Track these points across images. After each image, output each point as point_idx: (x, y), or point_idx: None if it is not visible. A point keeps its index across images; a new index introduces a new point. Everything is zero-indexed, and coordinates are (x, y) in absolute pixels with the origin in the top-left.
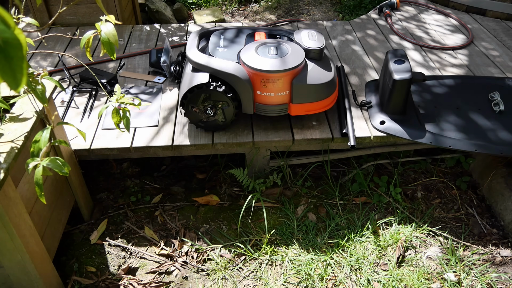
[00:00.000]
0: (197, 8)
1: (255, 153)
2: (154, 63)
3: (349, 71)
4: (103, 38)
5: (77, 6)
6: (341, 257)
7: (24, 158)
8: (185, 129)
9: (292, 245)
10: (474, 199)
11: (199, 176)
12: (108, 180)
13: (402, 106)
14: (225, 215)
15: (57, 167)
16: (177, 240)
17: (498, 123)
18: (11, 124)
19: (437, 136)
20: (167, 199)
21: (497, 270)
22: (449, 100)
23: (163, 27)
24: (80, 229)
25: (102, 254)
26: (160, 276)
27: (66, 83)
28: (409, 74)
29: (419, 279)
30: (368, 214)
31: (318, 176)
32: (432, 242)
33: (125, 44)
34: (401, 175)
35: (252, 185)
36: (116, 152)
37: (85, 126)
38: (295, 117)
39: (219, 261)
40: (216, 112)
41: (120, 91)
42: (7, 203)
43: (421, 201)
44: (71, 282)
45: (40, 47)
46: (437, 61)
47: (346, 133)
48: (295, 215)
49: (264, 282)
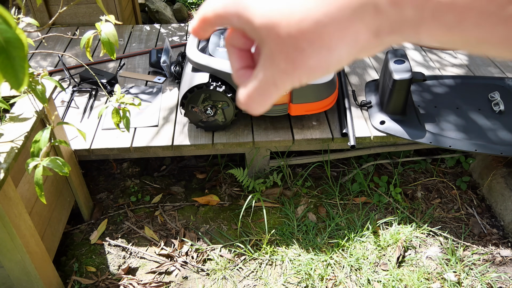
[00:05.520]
0: (197, 8)
1: (255, 153)
2: (154, 63)
3: (349, 71)
4: (103, 38)
5: (77, 6)
6: (341, 257)
7: (24, 158)
8: (185, 129)
9: (292, 245)
10: (474, 199)
11: (199, 176)
12: (108, 180)
13: (402, 106)
14: (225, 215)
15: (57, 167)
16: (177, 240)
17: (498, 123)
18: (11, 124)
19: (437, 136)
20: (167, 199)
21: (497, 270)
22: (449, 100)
23: (163, 27)
24: (80, 229)
25: (102, 254)
26: (160, 276)
27: (66, 83)
28: (409, 74)
29: (419, 279)
30: (368, 214)
31: (318, 176)
32: (432, 242)
33: (125, 44)
34: (401, 175)
35: (252, 185)
36: (116, 152)
37: (85, 126)
38: (295, 117)
39: (219, 261)
40: (216, 112)
41: (120, 91)
42: (7, 203)
43: (421, 201)
44: (71, 282)
45: (40, 47)
46: (437, 61)
47: (346, 133)
48: (295, 215)
49: (264, 282)
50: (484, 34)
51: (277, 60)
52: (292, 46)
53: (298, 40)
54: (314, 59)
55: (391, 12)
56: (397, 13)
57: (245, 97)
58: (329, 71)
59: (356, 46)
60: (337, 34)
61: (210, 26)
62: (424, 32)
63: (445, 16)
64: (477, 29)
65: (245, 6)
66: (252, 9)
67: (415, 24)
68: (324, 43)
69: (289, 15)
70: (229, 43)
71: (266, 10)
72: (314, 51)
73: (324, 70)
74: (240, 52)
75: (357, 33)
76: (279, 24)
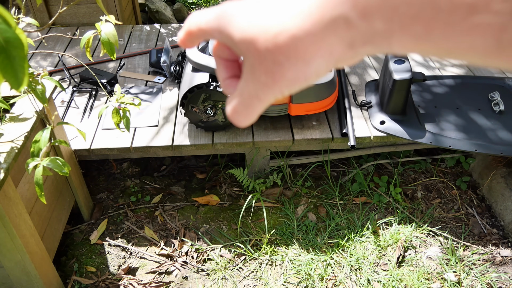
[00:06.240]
0: (197, 8)
1: (255, 153)
2: (154, 63)
3: (349, 71)
4: (103, 38)
5: (77, 6)
6: (341, 257)
7: (24, 158)
8: (185, 129)
9: (292, 245)
10: (474, 199)
11: (199, 176)
12: (108, 180)
13: (402, 106)
14: (225, 215)
15: (57, 167)
16: (177, 240)
17: (498, 123)
18: (11, 124)
19: (437, 136)
20: (167, 199)
21: (497, 270)
22: (449, 100)
23: (163, 27)
24: (80, 229)
25: (102, 254)
26: (160, 276)
27: (66, 83)
28: (409, 74)
29: (419, 279)
30: (368, 214)
31: (318, 176)
32: (432, 242)
33: (125, 44)
34: (401, 175)
35: (252, 185)
36: (116, 152)
37: (85, 126)
38: (295, 117)
39: (219, 261)
40: (216, 112)
41: (120, 91)
42: (7, 203)
43: (421, 201)
44: (71, 282)
45: (40, 47)
46: (437, 61)
47: (346, 133)
48: (295, 215)
49: (264, 282)
50: (452, 44)
51: (258, 73)
52: (270, 60)
53: (275, 54)
54: (292, 71)
55: (361, 25)
56: (367, 26)
57: (231, 110)
58: (308, 82)
59: (332, 58)
60: (312, 47)
61: (195, 38)
62: (395, 43)
63: (412, 28)
64: (445, 39)
65: (226, 22)
66: (232, 25)
67: (386, 35)
68: (300, 56)
69: (266, 30)
70: (216, 54)
71: (245, 25)
72: (291, 64)
73: (303, 81)
74: (226, 63)
75: (332, 46)
76: (257, 38)
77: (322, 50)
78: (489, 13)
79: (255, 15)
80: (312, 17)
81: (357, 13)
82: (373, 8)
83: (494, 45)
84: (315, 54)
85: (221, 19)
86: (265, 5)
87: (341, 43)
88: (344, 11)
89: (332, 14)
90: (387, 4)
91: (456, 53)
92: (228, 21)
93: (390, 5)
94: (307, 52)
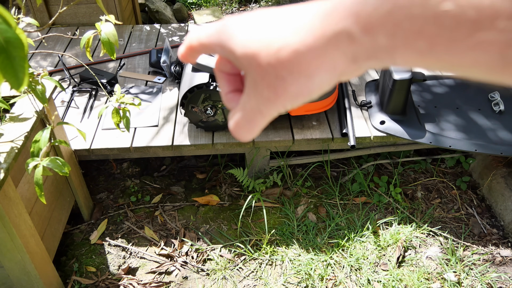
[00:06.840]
0: (197, 8)
1: (255, 153)
2: (154, 63)
3: None
4: (103, 38)
5: (77, 6)
6: (341, 257)
7: (24, 158)
8: (185, 129)
9: (292, 245)
10: (474, 199)
11: (199, 176)
12: (108, 180)
13: (402, 106)
14: (225, 215)
15: (57, 167)
16: (177, 240)
17: (498, 123)
18: (11, 124)
19: (437, 136)
20: (167, 199)
21: (497, 270)
22: (449, 100)
23: (163, 27)
24: (80, 229)
25: (102, 254)
26: (160, 276)
27: (66, 83)
28: (409, 74)
29: (419, 279)
30: (368, 214)
31: (318, 176)
32: (432, 242)
33: (125, 44)
34: (401, 175)
35: (252, 185)
36: (116, 152)
37: (85, 126)
38: (295, 117)
39: (219, 261)
40: (216, 112)
41: (120, 91)
42: (7, 203)
43: (421, 201)
44: (71, 282)
45: (40, 47)
46: None
47: (346, 133)
48: (295, 215)
49: (264, 282)
50: (456, 59)
51: (260, 88)
52: (273, 74)
53: (278, 69)
54: (295, 86)
55: (364, 40)
56: (370, 41)
57: (234, 125)
58: (311, 96)
59: (335, 72)
60: (315, 62)
61: (196, 53)
62: (399, 57)
63: (416, 43)
64: (448, 54)
65: (228, 36)
66: (234, 39)
67: (389, 50)
68: (303, 71)
69: (268, 44)
70: (218, 68)
71: (246, 40)
72: (294, 79)
73: (306, 96)
74: (228, 77)
75: (335, 60)
76: (259, 54)
77: (325, 65)
78: (494, 31)
79: (256, 30)
80: (315, 31)
81: (360, 28)
82: (376, 23)
83: (498, 61)
84: (318, 69)
85: (222, 33)
86: (267, 19)
87: (344, 58)
88: (347, 26)
89: (335, 29)
90: (390, 19)
91: (460, 68)
92: (229, 35)
93: (393, 21)
94: (310, 67)
